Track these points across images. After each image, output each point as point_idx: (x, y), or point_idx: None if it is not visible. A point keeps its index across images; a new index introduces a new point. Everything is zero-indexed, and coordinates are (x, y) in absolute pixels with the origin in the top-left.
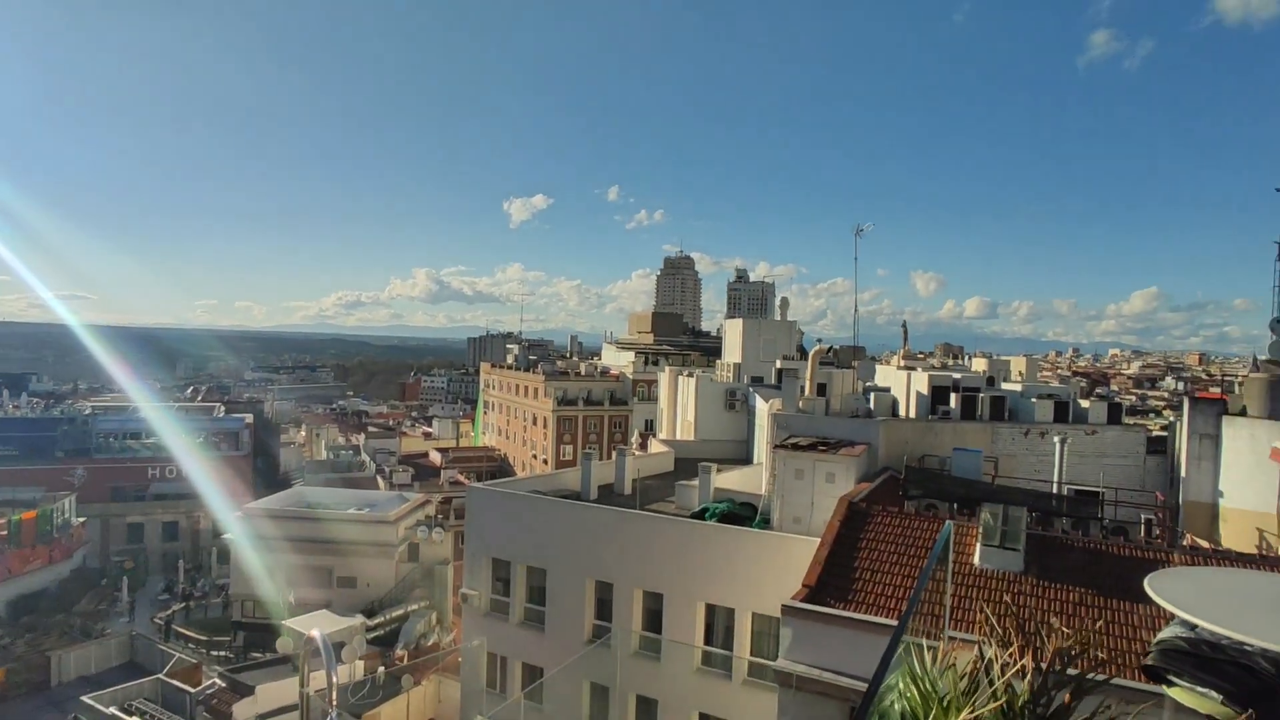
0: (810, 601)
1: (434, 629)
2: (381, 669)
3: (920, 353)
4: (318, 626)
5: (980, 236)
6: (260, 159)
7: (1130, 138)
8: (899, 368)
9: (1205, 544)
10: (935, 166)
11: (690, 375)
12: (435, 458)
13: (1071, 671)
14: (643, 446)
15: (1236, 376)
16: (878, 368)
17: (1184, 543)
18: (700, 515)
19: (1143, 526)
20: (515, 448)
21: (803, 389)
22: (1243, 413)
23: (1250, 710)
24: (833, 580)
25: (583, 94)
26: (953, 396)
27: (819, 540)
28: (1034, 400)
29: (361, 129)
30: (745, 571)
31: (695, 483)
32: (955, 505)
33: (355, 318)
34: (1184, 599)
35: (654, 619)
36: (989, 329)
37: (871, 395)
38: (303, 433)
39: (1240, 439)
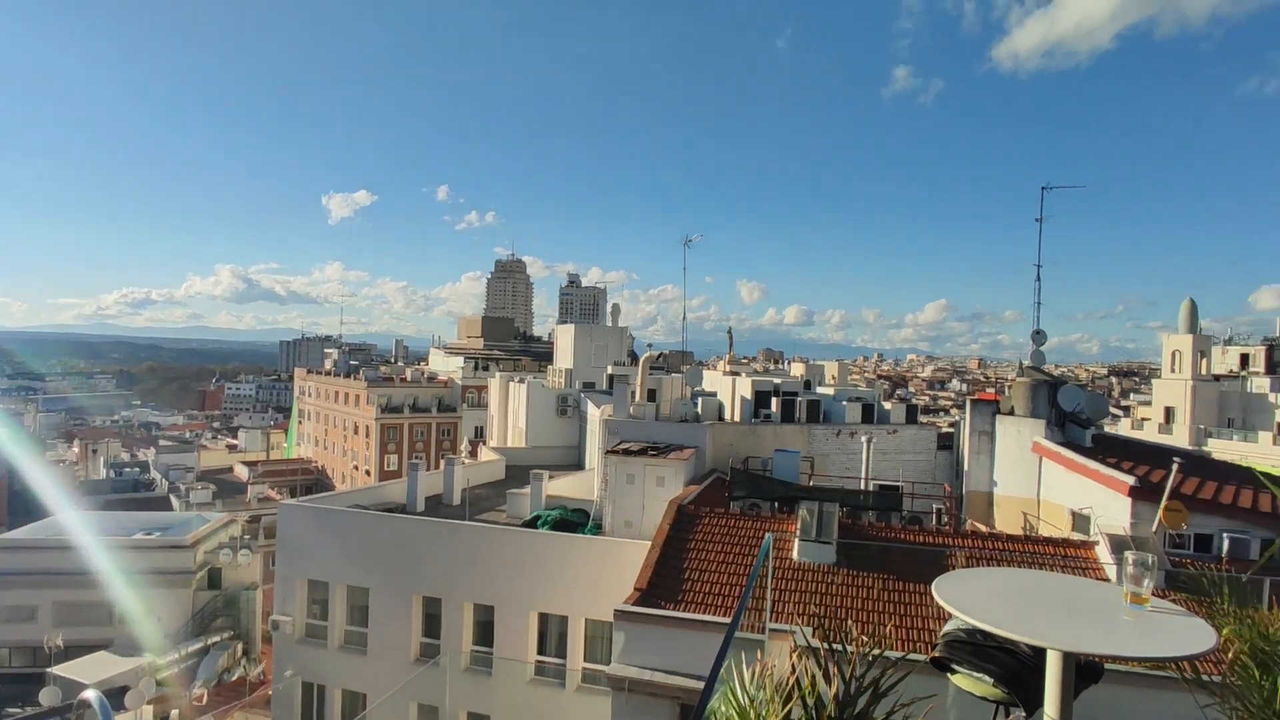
0: (642, 604)
1: (239, 662)
2: (176, 712)
3: (745, 358)
4: (93, 672)
5: (799, 249)
6: (17, 137)
7: (925, 164)
8: (725, 373)
9: (983, 528)
10: (760, 181)
11: (522, 381)
12: (241, 472)
13: (872, 674)
14: (473, 455)
15: (1007, 379)
16: (705, 373)
17: (966, 527)
18: (532, 523)
19: (934, 515)
20: (334, 459)
21: (633, 394)
22: (1011, 412)
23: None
24: (663, 582)
25: (409, 87)
26: (774, 400)
27: (650, 543)
28: (845, 403)
29: (156, 109)
30: (578, 578)
31: (527, 490)
32: (776, 504)
33: (144, 317)
34: (962, 600)
35: (485, 632)
36: (806, 335)
37: (699, 400)
38: (75, 449)
39: (1009, 435)
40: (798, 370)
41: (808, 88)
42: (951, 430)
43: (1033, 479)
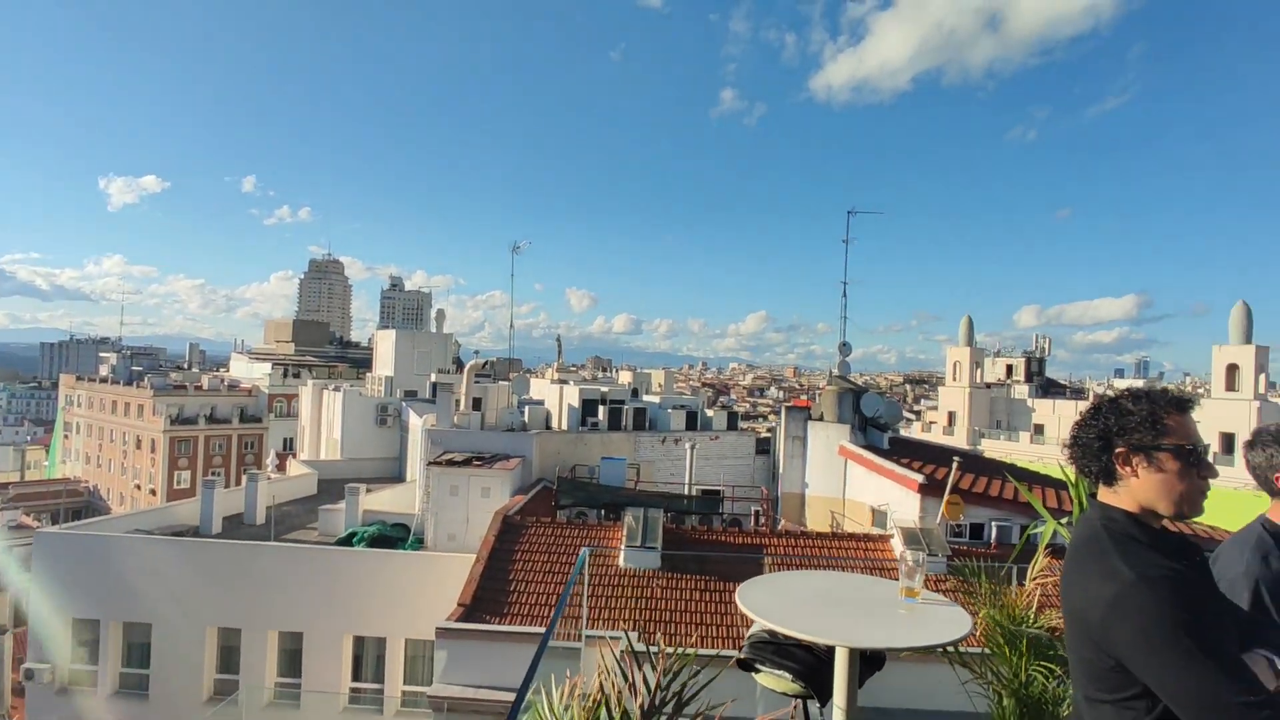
0: (465, 620)
1: None
2: None
3: (573, 365)
4: None
5: (629, 258)
6: None
7: (748, 182)
8: (553, 381)
9: (796, 527)
10: (591, 191)
11: (337, 389)
12: None
13: (679, 681)
14: (280, 469)
15: (819, 387)
16: (533, 381)
17: (781, 527)
18: (347, 541)
19: (753, 517)
20: (111, 478)
21: (458, 403)
22: (821, 418)
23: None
24: (488, 595)
25: (210, 65)
26: (601, 408)
27: (474, 556)
28: (670, 411)
29: None
30: (397, 597)
31: (341, 506)
32: (603, 511)
33: None
34: (761, 605)
35: (293, 661)
36: (634, 344)
37: (526, 408)
38: None
39: (819, 439)
40: (625, 378)
41: (640, 102)
42: (769, 435)
43: (839, 479)
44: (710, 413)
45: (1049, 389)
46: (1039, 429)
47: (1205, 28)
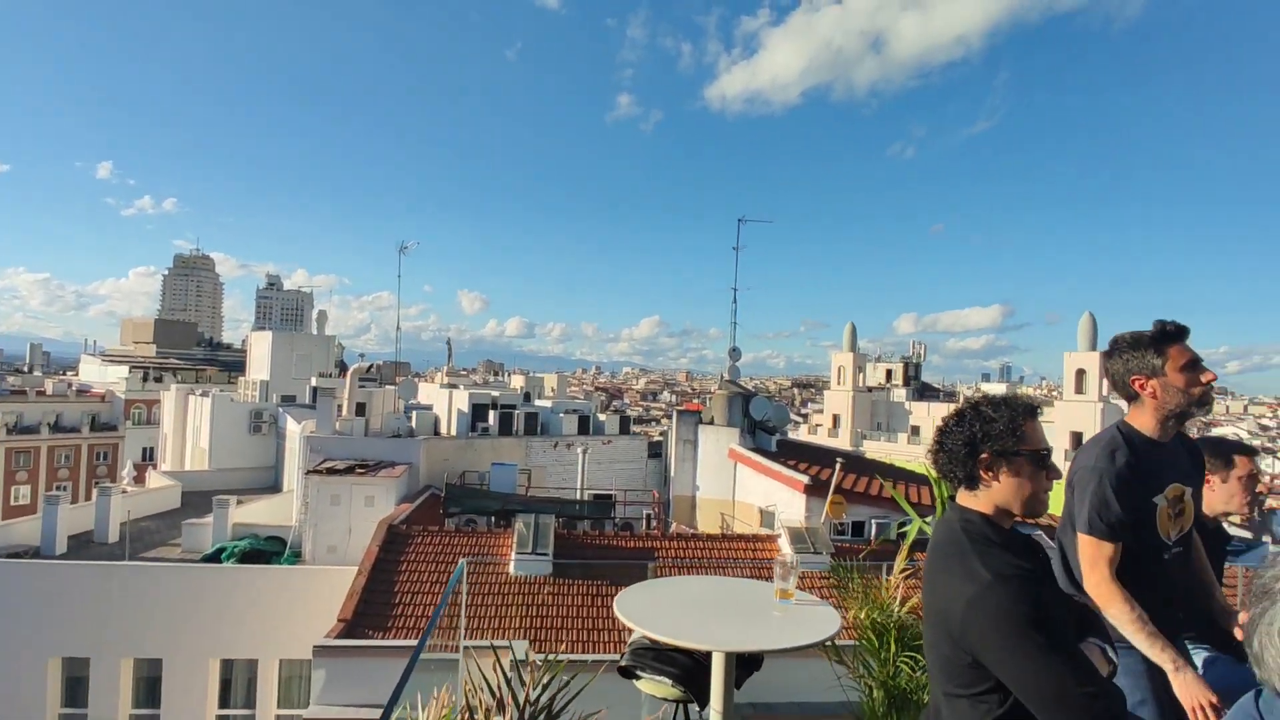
0: (346, 636)
1: None
2: None
3: (464, 369)
4: None
5: (522, 261)
6: None
7: (643, 187)
8: (442, 385)
9: (687, 529)
10: (484, 191)
11: (205, 394)
12: None
13: (549, 693)
14: (139, 481)
15: (710, 391)
16: (421, 385)
17: (672, 529)
18: (215, 557)
19: (644, 520)
20: None
21: (340, 408)
22: (711, 421)
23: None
24: (371, 610)
25: (54, 36)
26: (491, 413)
27: (357, 569)
28: (562, 415)
29: None
30: (270, 615)
31: (209, 520)
32: (493, 518)
33: None
34: (639, 613)
35: (151, 690)
36: (527, 347)
37: (414, 413)
38: None
39: (710, 442)
40: (518, 382)
41: (536, 104)
42: (662, 439)
43: (729, 482)
44: (603, 417)
45: (924, 392)
46: (915, 430)
47: (1060, 61)
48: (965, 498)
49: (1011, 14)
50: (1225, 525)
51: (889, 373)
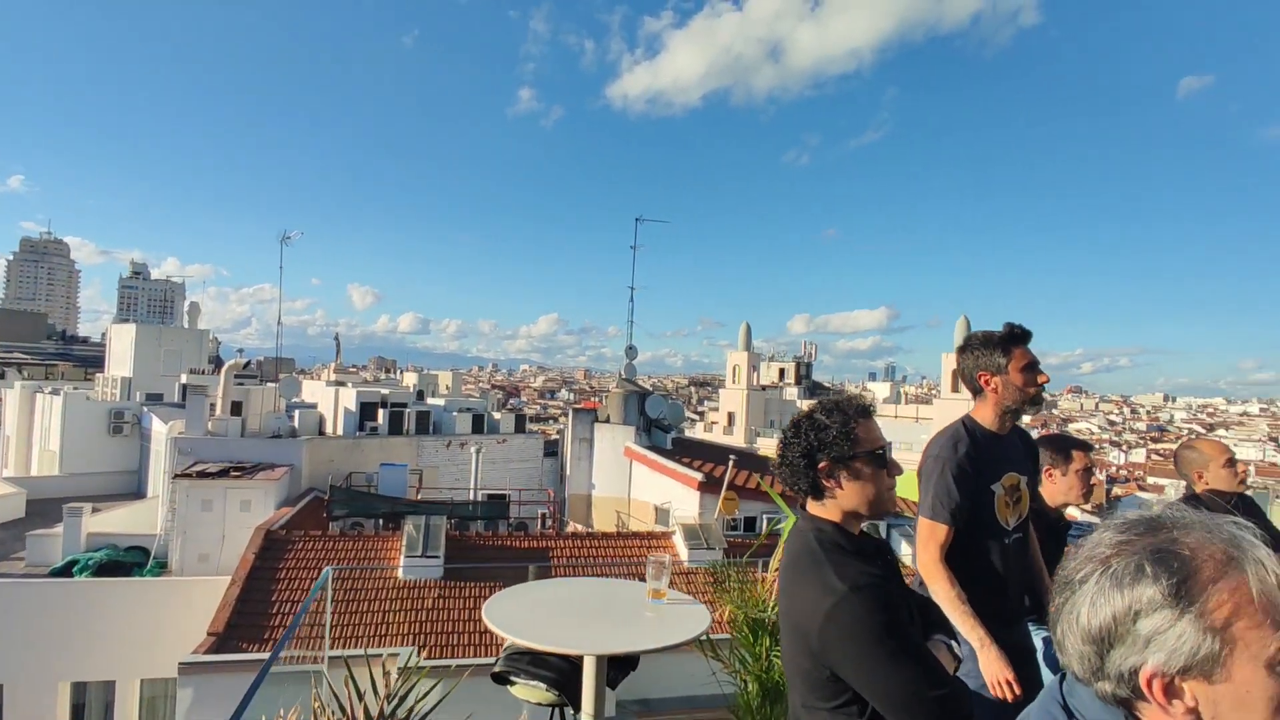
0: (217, 651)
1: None
2: None
3: (354, 366)
4: None
5: (417, 255)
6: None
7: (543, 184)
8: (329, 382)
9: (582, 528)
10: (377, 182)
11: (56, 391)
12: None
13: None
14: None
15: (608, 389)
16: (305, 383)
17: (568, 529)
18: (66, 570)
19: (539, 520)
20: None
21: (213, 407)
22: (607, 420)
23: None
24: (245, 622)
25: None
26: (381, 412)
27: (230, 579)
28: (455, 414)
29: None
30: (131, 631)
31: (59, 530)
32: (381, 521)
33: None
34: (509, 618)
35: None
36: (422, 344)
37: (296, 412)
38: None
39: (606, 441)
40: (410, 380)
41: (433, 94)
42: (558, 438)
43: (625, 480)
44: (498, 416)
45: (815, 391)
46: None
47: (940, 80)
48: (814, 506)
49: (899, 33)
50: (1068, 514)
51: (781, 371)
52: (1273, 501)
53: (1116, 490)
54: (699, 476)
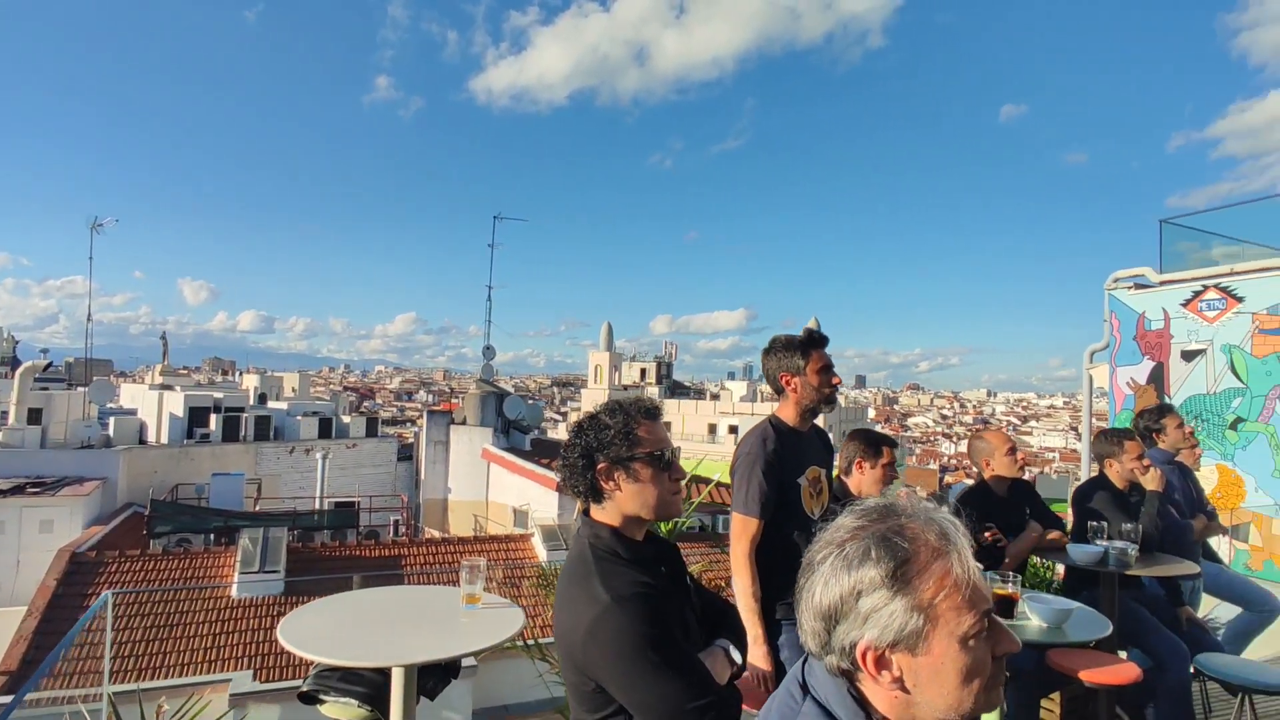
0: (10, 690)
1: None
2: None
3: (185, 368)
4: None
5: (259, 248)
6: None
7: (402, 178)
8: (153, 386)
9: (438, 534)
10: (214, 170)
11: None
12: None
13: None
14: None
15: (469, 391)
16: (125, 387)
17: (423, 535)
18: None
19: (392, 527)
20: None
21: (6, 415)
22: (464, 422)
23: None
24: (44, 657)
25: None
26: (214, 417)
27: (26, 609)
28: (300, 418)
29: None
30: None
31: None
32: (213, 536)
33: None
34: (307, 635)
35: None
36: (265, 343)
37: (112, 420)
38: None
39: (462, 443)
40: (250, 382)
41: (278, 76)
42: (414, 441)
43: (482, 482)
44: (348, 419)
45: (675, 390)
46: (667, 427)
47: (797, 92)
48: (596, 511)
49: (759, 45)
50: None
51: (643, 371)
52: (1073, 484)
53: (948, 479)
54: (558, 477)
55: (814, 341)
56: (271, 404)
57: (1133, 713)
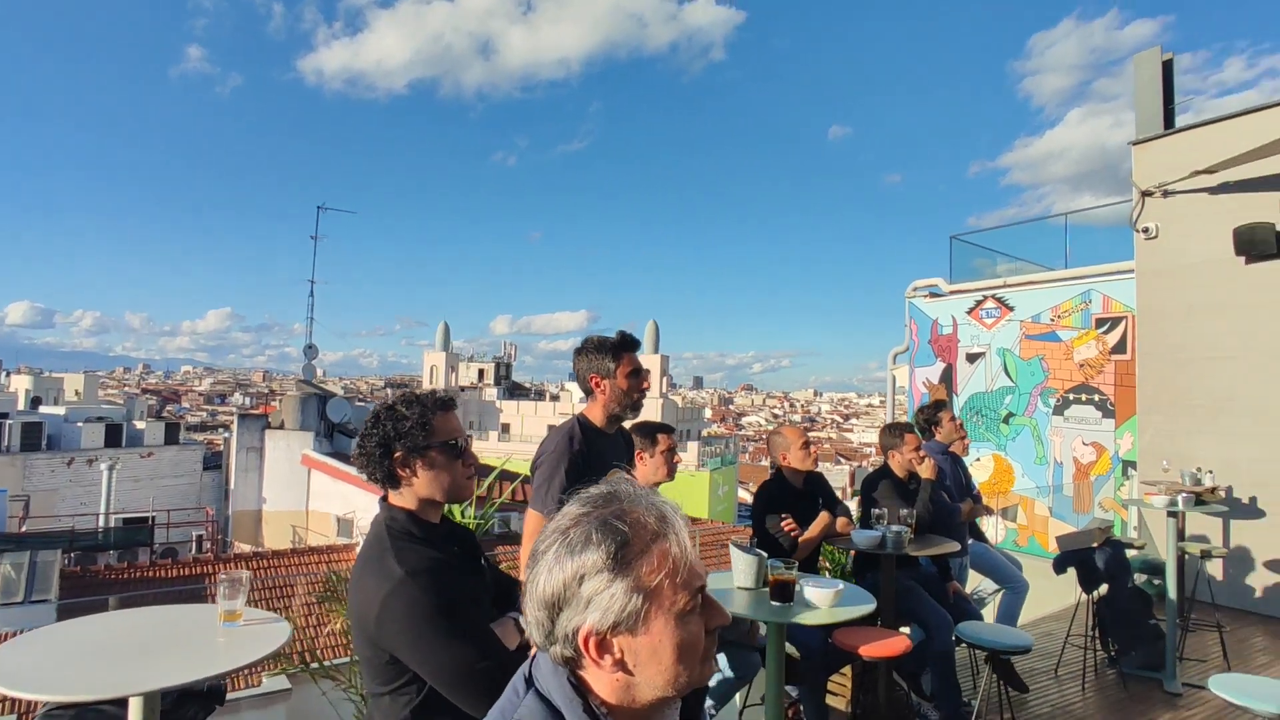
0: None
1: None
2: None
3: None
4: None
5: (32, 231)
6: None
7: (215, 160)
8: None
9: (249, 548)
10: None
11: None
12: None
13: None
14: None
15: (288, 393)
16: None
17: (231, 550)
18: None
19: (194, 543)
20: None
21: None
22: (281, 426)
23: None
24: None
25: None
26: None
27: None
28: (82, 425)
29: None
30: None
31: None
32: None
33: None
34: (19, 670)
35: None
36: (43, 339)
37: None
38: None
39: (279, 449)
40: (21, 384)
41: (68, 34)
42: (224, 448)
43: (302, 491)
44: (142, 425)
45: (515, 391)
46: (506, 428)
47: (642, 98)
48: (393, 496)
49: (605, 49)
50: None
51: (481, 372)
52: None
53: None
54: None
55: (625, 345)
56: (47, 409)
57: (910, 680)
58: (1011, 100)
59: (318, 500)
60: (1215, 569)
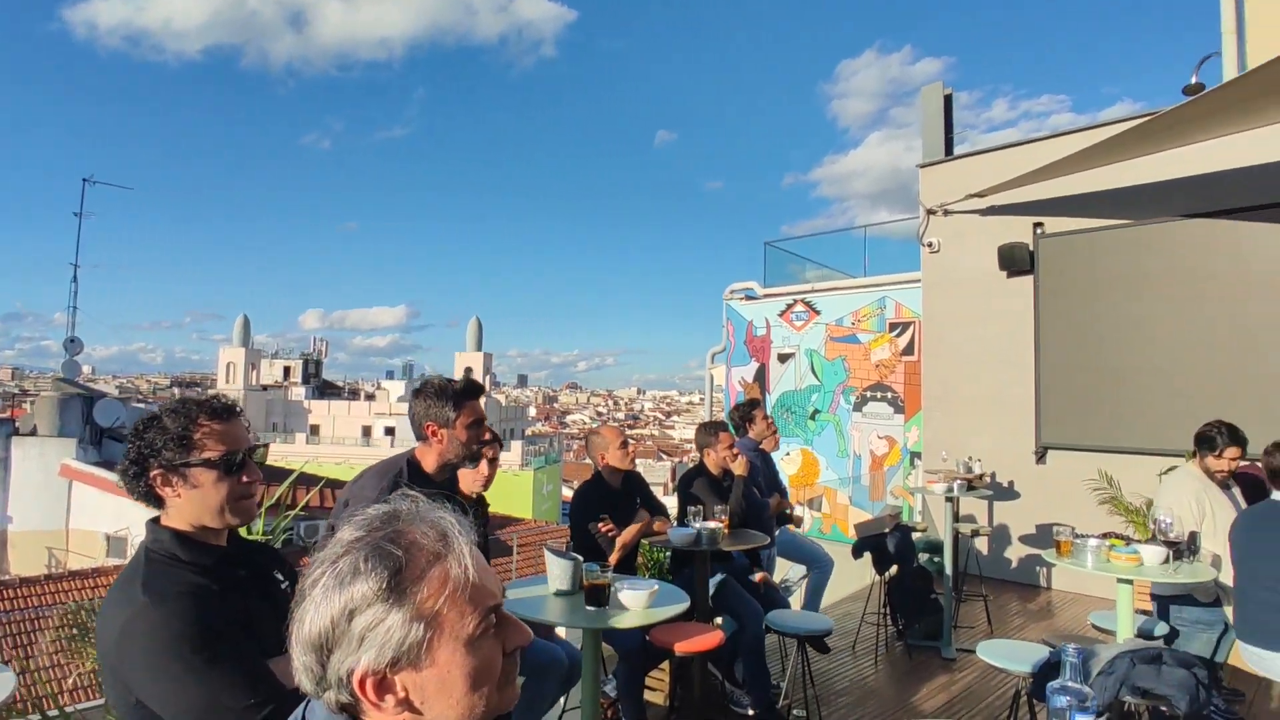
0: None
1: None
2: None
3: None
4: None
5: None
6: None
7: None
8: None
9: None
10: None
11: None
12: None
13: None
14: None
15: (43, 394)
16: None
17: None
18: None
19: None
20: None
21: None
22: (34, 432)
23: None
24: None
25: None
26: None
27: None
28: None
29: None
30: None
31: None
32: None
33: None
34: None
35: None
36: None
37: None
38: None
39: (31, 459)
40: None
41: None
42: None
43: (61, 507)
44: None
45: (326, 390)
46: (315, 429)
47: (469, 88)
48: (163, 516)
49: (431, 34)
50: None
51: (286, 370)
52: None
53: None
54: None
55: (469, 392)
56: None
57: (724, 670)
58: (822, 119)
59: (82, 517)
60: (982, 545)
